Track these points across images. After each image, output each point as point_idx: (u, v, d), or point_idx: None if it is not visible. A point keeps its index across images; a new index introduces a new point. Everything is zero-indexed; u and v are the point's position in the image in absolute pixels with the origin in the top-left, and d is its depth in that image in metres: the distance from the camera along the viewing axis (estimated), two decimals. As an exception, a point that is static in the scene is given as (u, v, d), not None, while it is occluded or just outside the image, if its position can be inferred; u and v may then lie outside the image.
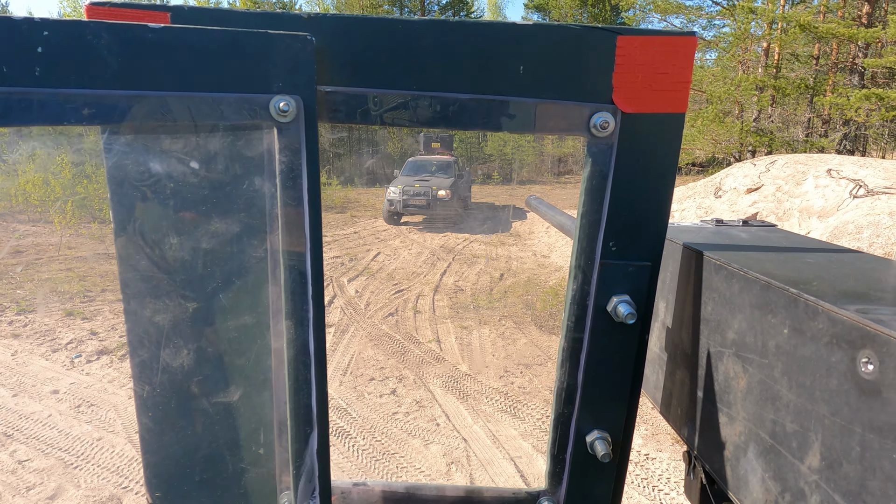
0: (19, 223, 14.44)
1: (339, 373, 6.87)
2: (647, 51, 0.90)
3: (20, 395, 6.12)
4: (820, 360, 0.82)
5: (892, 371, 0.69)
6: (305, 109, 0.87)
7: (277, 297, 0.95)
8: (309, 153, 0.89)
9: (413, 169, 18.38)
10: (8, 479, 4.75)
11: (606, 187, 0.95)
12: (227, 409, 1.02)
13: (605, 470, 1.07)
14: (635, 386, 1.04)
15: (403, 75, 0.91)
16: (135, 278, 0.95)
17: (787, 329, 0.90)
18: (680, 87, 0.92)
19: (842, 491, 0.77)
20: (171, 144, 0.91)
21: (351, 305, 9.31)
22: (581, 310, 1.00)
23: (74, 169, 15.84)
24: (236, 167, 0.92)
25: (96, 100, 0.80)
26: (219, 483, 1.04)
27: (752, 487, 0.98)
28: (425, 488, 1.14)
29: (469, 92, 0.91)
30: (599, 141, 0.93)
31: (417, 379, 6.75)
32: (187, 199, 0.92)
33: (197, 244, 0.94)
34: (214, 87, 0.84)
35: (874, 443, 0.72)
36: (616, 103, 0.92)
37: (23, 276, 10.18)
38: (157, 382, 0.98)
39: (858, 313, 0.76)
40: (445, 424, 5.76)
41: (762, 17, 21.07)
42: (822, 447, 0.81)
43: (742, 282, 1.02)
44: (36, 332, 7.80)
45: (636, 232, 0.97)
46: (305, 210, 0.90)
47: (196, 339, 0.98)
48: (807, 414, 0.85)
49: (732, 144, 22.20)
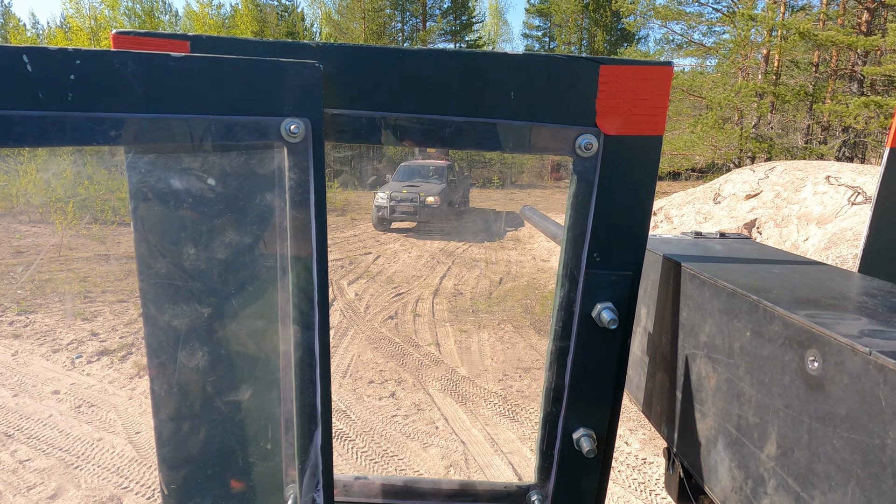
0: (20, 224, 14.46)
1: (339, 375, 6.89)
2: (628, 79, 0.98)
3: (21, 395, 6.14)
4: (776, 360, 0.91)
5: (832, 367, 0.78)
6: (313, 131, 0.94)
7: (286, 302, 1.02)
8: (316, 171, 0.96)
9: (405, 174, 17.89)
10: (9, 478, 4.77)
11: (591, 202, 1.03)
12: (238, 408, 1.08)
13: (591, 465, 1.15)
14: (618, 386, 1.12)
15: (403, 99, 0.99)
16: (153, 286, 1.01)
17: (749, 332, 0.99)
18: (658, 111, 1.00)
19: (794, 475, 0.86)
20: (190, 163, 0.98)
21: (351, 308, 9.34)
22: (567, 315, 1.07)
23: (76, 170, 15.89)
24: (249, 184, 0.99)
25: (123, 123, 0.87)
26: (229, 476, 1.11)
27: (721, 477, 1.07)
28: (422, 482, 1.22)
29: (464, 115, 0.99)
30: (584, 160, 1.01)
31: (416, 382, 6.77)
32: (204, 213, 1.00)
33: (212, 254, 1.01)
34: (230, 110, 0.91)
35: (819, 431, 0.81)
36: (599, 126, 1.00)
37: (23, 276, 10.20)
38: (174, 382, 1.05)
39: (807, 317, 0.85)
40: (444, 427, 5.78)
41: (762, 24, 21.17)
42: (777, 437, 0.90)
43: (712, 289, 1.11)
44: (37, 332, 7.83)
45: (618, 243, 1.05)
46: (312, 223, 0.97)
47: (210, 342, 1.05)
48: (765, 407, 0.94)
49: (732, 150, 22.26)
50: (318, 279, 1.00)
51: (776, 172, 11.57)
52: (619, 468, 5.13)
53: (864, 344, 0.74)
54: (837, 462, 0.77)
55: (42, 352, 7.22)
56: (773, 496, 0.92)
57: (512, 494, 1.19)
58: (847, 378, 0.75)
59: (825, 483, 0.79)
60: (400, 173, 18.08)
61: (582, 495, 1.17)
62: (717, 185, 12.90)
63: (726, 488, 1.05)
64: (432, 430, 5.75)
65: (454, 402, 6.28)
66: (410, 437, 5.60)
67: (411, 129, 0.99)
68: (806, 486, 0.83)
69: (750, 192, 11.62)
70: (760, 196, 11.47)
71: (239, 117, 0.91)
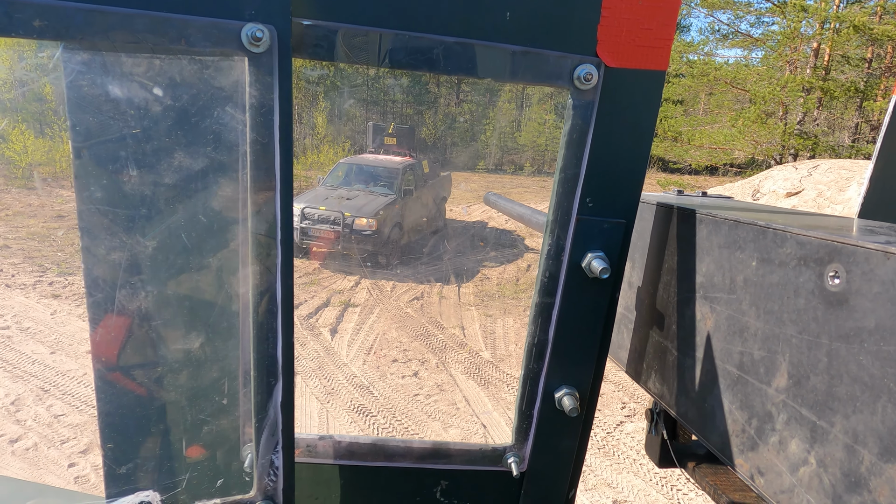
0: (63, 189, 14.90)
1: (363, 352, 6.96)
2: (633, 5, 0.91)
3: (58, 352, 6.36)
4: (787, 284, 0.88)
5: (857, 279, 0.75)
6: (280, 41, 0.82)
7: (245, 239, 0.91)
8: (282, 88, 0.84)
9: (345, 176, 12.22)
10: (44, 431, 4.96)
11: (586, 143, 0.96)
12: (189, 358, 0.97)
13: (572, 425, 1.09)
14: (605, 342, 1.06)
15: (386, 12, 0.87)
16: (91, 211, 0.88)
17: (755, 261, 0.96)
18: (662, 43, 0.93)
19: (808, 404, 0.83)
20: (132, 68, 0.84)
21: (377, 287, 9.40)
22: (556, 266, 1.01)
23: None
24: (203, 98, 0.86)
25: (49, 11, 0.74)
26: (177, 434, 0.99)
27: (717, 423, 1.03)
28: (392, 442, 1.15)
29: (453, 35, 0.90)
30: (582, 94, 0.94)
31: (440, 363, 6.80)
32: (149, 128, 0.86)
33: (158, 178, 0.88)
34: (182, 7, 0.79)
35: (841, 350, 0.77)
36: (600, 56, 0.93)
37: (64, 239, 10.53)
38: (112, 325, 0.92)
39: (825, 233, 0.83)
40: (465, 409, 5.80)
41: (814, 15, 20.36)
42: (789, 367, 0.87)
43: (711, 225, 1.07)
44: (75, 293, 8.08)
45: (613, 189, 0.99)
46: (276, 148, 0.85)
47: (155, 281, 0.92)
48: (774, 338, 0.90)
49: (774, 146, 21.61)
50: (282, 214, 0.88)
51: (820, 171, 11.19)
52: (641, 461, 5.09)
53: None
54: (865, 380, 0.73)
55: (79, 312, 7.45)
56: (782, 432, 0.87)
57: (487, 456, 1.13)
58: (878, 286, 0.72)
59: (848, 406, 0.76)
60: (336, 174, 12.38)
61: (560, 456, 1.12)
62: (756, 181, 12.55)
63: (725, 434, 1.01)
64: (454, 410, 5.77)
65: (476, 385, 6.29)
66: (432, 417, 5.64)
67: (395, 47, 0.88)
68: (824, 412, 0.80)
69: (791, 190, 11.28)
70: (802, 194, 11.12)
71: (192, 17, 0.79)
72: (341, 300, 8.77)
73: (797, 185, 11.46)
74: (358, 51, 0.88)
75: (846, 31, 19.23)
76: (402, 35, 0.88)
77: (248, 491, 1.00)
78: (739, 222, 1.00)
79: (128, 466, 0.99)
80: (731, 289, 1.01)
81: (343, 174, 12.24)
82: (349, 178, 12.06)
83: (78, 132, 0.85)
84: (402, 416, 5.62)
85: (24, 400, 5.42)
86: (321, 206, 10.43)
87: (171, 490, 0.99)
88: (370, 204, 10.78)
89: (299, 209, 10.22)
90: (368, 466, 1.13)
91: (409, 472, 1.14)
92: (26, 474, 4.42)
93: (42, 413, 5.21)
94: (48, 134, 16.54)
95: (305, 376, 6.32)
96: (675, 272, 1.19)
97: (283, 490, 0.99)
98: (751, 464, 0.95)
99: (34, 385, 5.67)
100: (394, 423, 5.51)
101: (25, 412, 5.23)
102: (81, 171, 0.86)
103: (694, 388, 1.11)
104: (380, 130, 14.19)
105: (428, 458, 1.14)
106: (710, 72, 22.34)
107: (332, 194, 11.16)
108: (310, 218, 10.30)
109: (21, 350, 6.37)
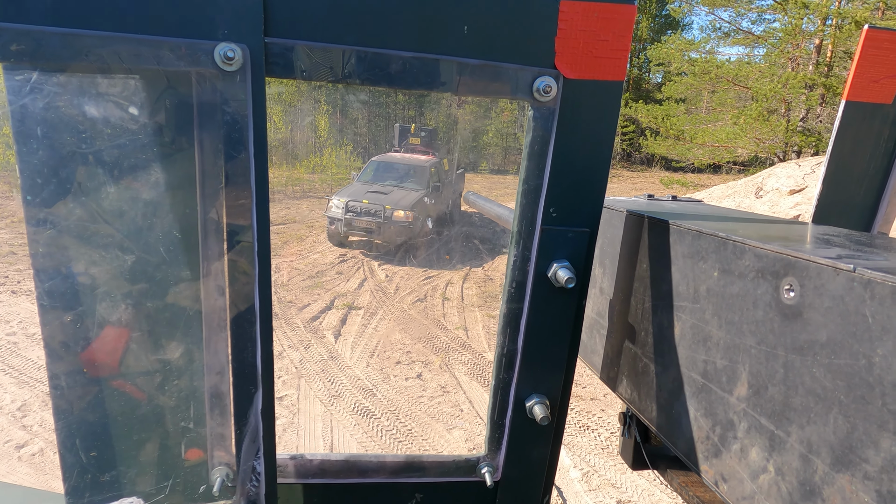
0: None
1: (367, 355, 6.97)
2: (589, 17, 0.92)
3: (63, 358, 6.39)
4: (746, 296, 0.90)
5: (811, 293, 0.77)
6: (252, 60, 0.84)
7: (221, 251, 0.92)
8: (255, 106, 0.86)
9: (375, 173, 13.64)
10: (50, 436, 4.98)
11: (548, 153, 0.97)
12: (164, 367, 0.97)
13: (543, 433, 1.11)
14: (573, 350, 1.07)
15: (350, 30, 0.89)
16: (42, 214, 0.88)
17: (716, 272, 0.97)
18: (619, 54, 0.94)
19: (767, 413, 0.84)
20: (108, 88, 0.86)
21: (381, 289, 9.41)
22: (522, 275, 1.02)
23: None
24: (177, 117, 0.88)
25: (25, 36, 0.75)
26: (138, 455, 0.99)
27: (684, 429, 1.04)
28: (365, 457, 1.16)
29: (412, 50, 0.91)
30: (542, 106, 0.95)
31: (443, 364, 6.80)
32: (121, 144, 0.88)
33: (135, 194, 0.90)
34: (157, 28, 0.81)
35: (796, 362, 0.79)
36: (559, 68, 0.94)
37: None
38: (70, 339, 0.91)
39: (781, 246, 0.84)
40: (469, 411, 5.80)
41: (816, 12, 20.30)
42: (749, 376, 0.88)
43: (676, 235, 1.09)
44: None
45: (576, 198, 1.00)
46: (251, 165, 0.88)
47: (129, 293, 0.93)
48: (734, 348, 0.92)
49: (776, 144, 21.55)
50: (258, 226, 0.90)
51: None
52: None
53: (846, 263, 0.72)
54: (817, 392, 0.75)
55: (84, 318, 7.48)
56: (743, 440, 0.89)
57: (461, 467, 1.14)
58: (828, 301, 0.74)
59: (802, 416, 0.77)
60: (369, 171, 13.84)
61: (533, 465, 1.13)
62: (759, 178, 12.52)
63: (691, 440, 1.02)
64: (457, 412, 5.77)
65: (480, 387, 6.29)
66: (435, 419, 5.64)
67: (356, 63, 0.89)
68: (781, 422, 0.81)
69: (794, 188, 11.24)
70: (805, 192, 11.07)
71: (167, 38, 0.81)
72: (344, 303, 8.79)
73: (800, 182, 11.42)
74: (322, 68, 0.90)
75: (848, 27, 19.15)
76: (360, 52, 0.89)
77: (230, 497, 1.02)
78: (702, 233, 1.00)
79: (111, 474, 0.99)
80: (696, 298, 1.02)
81: (373, 171, 13.65)
82: (380, 174, 13.45)
83: (26, 146, 0.85)
84: (406, 419, 5.63)
85: (30, 405, 5.46)
86: (364, 199, 11.79)
87: (153, 497, 1.01)
88: (406, 198, 12.06)
89: (343, 203, 11.75)
90: (342, 484, 1.14)
91: (384, 486, 1.15)
92: (32, 479, 4.44)
93: (48, 419, 5.24)
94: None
95: (309, 379, 6.34)
96: (644, 280, 1.20)
97: (266, 496, 1.00)
98: (715, 470, 0.96)
99: (40, 391, 5.71)
100: (397, 425, 5.52)
101: (31, 418, 5.27)
102: (29, 177, 0.86)
103: (662, 394, 1.12)
104: (405, 131, 15.85)
105: (402, 473, 1.14)
106: (712, 70, 22.30)
107: (368, 189, 12.40)
108: (353, 211, 11.67)
109: (27, 356, 6.41)
